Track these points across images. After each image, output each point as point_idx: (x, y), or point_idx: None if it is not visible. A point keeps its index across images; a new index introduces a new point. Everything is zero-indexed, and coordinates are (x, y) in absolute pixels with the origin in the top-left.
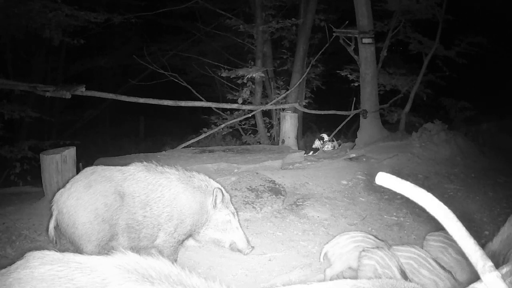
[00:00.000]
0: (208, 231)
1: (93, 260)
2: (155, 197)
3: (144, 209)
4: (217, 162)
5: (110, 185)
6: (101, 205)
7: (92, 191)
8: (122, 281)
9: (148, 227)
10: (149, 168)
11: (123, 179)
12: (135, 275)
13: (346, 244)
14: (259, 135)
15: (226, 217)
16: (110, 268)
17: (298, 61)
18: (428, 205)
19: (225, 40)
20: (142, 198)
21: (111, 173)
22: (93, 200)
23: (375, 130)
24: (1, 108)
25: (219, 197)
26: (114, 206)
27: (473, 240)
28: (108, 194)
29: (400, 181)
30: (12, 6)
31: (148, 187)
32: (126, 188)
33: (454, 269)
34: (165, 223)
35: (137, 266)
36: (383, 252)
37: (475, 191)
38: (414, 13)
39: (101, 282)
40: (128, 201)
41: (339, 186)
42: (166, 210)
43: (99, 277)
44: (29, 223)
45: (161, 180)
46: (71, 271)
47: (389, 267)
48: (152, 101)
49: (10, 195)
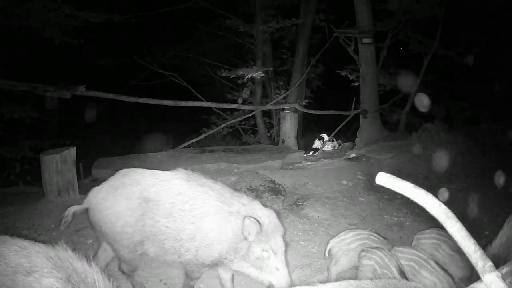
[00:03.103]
0: (243, 263)
1: (35, 247)
2: (181, 209)
3: (167, 218)
4: (217, 162)
5: (136, 189)
6: (124, 209)
7: (117, 193)
8: (47, 275)
9: (171, 239)
10: (191, 177)
11: (152, 184)
12: (62, 273)
13: (352, 241)
14: (259, 135)
15: (262, 253)
16: (42, 258)
17: (298, 61)
18: (428, 205)
19: (225, 40)
20: (167, 207)
21: (141, 177)
22: (117, 202)
23: (375, 130)
24: (1, 108)
25: (250, 228)
26: (137, 211)
27: (473, 240)
28: (132, 198)
29: (400, 181)
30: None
31: (178, 197)
32: (153, 194)
33: (448, 265)
34: (187, 241)
35: (67, 266)
36: (382, 253)
37: (475, 191)
38: (414, 13)
39: (28, 268)
40: (152, 207)
41: (339, 186)
42: (189, 227)
43: (29, 264)
44: (29, 223)
45: (196, 193)
46: (9, 252)
47: (388, 267)
48: (152, 101)
49: (10, 195)
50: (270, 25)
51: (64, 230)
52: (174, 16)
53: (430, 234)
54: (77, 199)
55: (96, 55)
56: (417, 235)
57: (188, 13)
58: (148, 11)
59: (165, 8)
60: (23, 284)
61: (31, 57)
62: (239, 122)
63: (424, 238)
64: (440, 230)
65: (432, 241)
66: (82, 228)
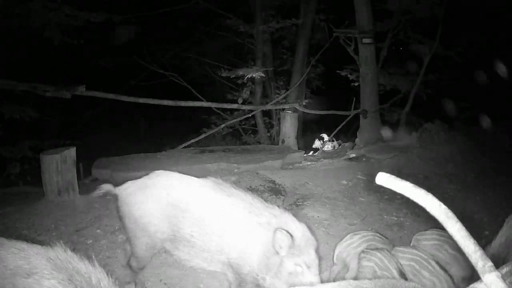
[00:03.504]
0: (275, 281)
1: (33, 248)
2: (207, 219)
3: (191, 228)
4: (217, 162)
5: (163, 192)
6: (149, 209)
7: (146, 192)
8: (48, 276)
9: (196, 248)
10: (219, 186)
11: (181, 190)
12: (64, 274)
13: (359, 244)
14: (259, 135)
15: (296, 268)
16: (42, 259)
17: (298, 61)
18: (428, 205)
19: (225, 40)
20: (194, 216)
21: (172, 181)
22: (144, 200)
23: (375, 130)
24: (1, 108)
25: (282, 241)
26: (163, 214)
27: (473, 240)
28: (160, 200)
29: (400, 181)
30: (12, 6)
31: (205, 206)
32: (180, 200)
33: (450, 265)
34: (216, 253)
35: (68, 267)
36: (381, 254)
37: (475, 191)
38: (414, 13)
39: (28, 270)
40: (178, 213)
41: (339, 186)
42: (216, 239)
43: (28, 265)
44: (29, 223)
45: (224, 203)
46: (6, 255)
47: (388, 268)
48: (152, 101)
49: (10, 195)
50: (270, 25)
51: (64, 230)
52: (174, 16)
53: (431, 235)
54: (77, 199)
55: (96, 55)
56: (416, 236)
57: (188, 13)
58: (148, 11)
59: (165, 8)
60: (23, 287)
61: (31, 57)
62: (239, 122)
63: (424, 240)
64: (440, 231)
65: (433, 242)
66: (82, 228)
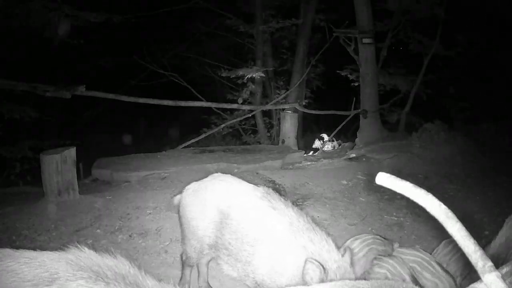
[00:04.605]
0: None
1: (43, 255)
2: (245, 228)
3: (230, 235)
4: (217, 162)
5: (213, 196)
6: (198, 212)
7: (198, 195)
8: (73, 278)
9: (232, 258)
10: (267, 196)
11: (228, 196)
12: (88, 272)
13: (361, 249)
14: (259, 135)
15: None
16: (60, 263)
17: (298, 61)
18: (428, 205)
19: (225, 40)
20: (234, 224)
21: (222, 186)
22: (195, 203)
23: (375, 130)
24: (1, 108)
25: (313, 274)
26: (210, 219)
27: (473, 240)
28: (208, 204)
29: (400, 181)
30: (12, 6)
31: (248, 217)
32: (226, 206)
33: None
34: (245, 264)
35: (92, 264)
36: (394, 260)
37: (475, 191)
38: (414, 13)
39: (49, 276)
40: (222, 219)
41: (339, 186)
42: (248, 249)
43: (47, 272)
44: (29, 223)
45: (266, 219)
46: (19, 266)
47: (401, 274)
48: (152, 101)
49: (10, 195)
50: (270, 25)
51: (64, 230)
52: (174, 16)
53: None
54: (77, 199)
55: (96, 55)
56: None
57: (188, 13)
58: (148, 11)
59: (165, 8)
60: None
61: (31, 57)
62: (239, 122)
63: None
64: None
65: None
66: (82, 228)
